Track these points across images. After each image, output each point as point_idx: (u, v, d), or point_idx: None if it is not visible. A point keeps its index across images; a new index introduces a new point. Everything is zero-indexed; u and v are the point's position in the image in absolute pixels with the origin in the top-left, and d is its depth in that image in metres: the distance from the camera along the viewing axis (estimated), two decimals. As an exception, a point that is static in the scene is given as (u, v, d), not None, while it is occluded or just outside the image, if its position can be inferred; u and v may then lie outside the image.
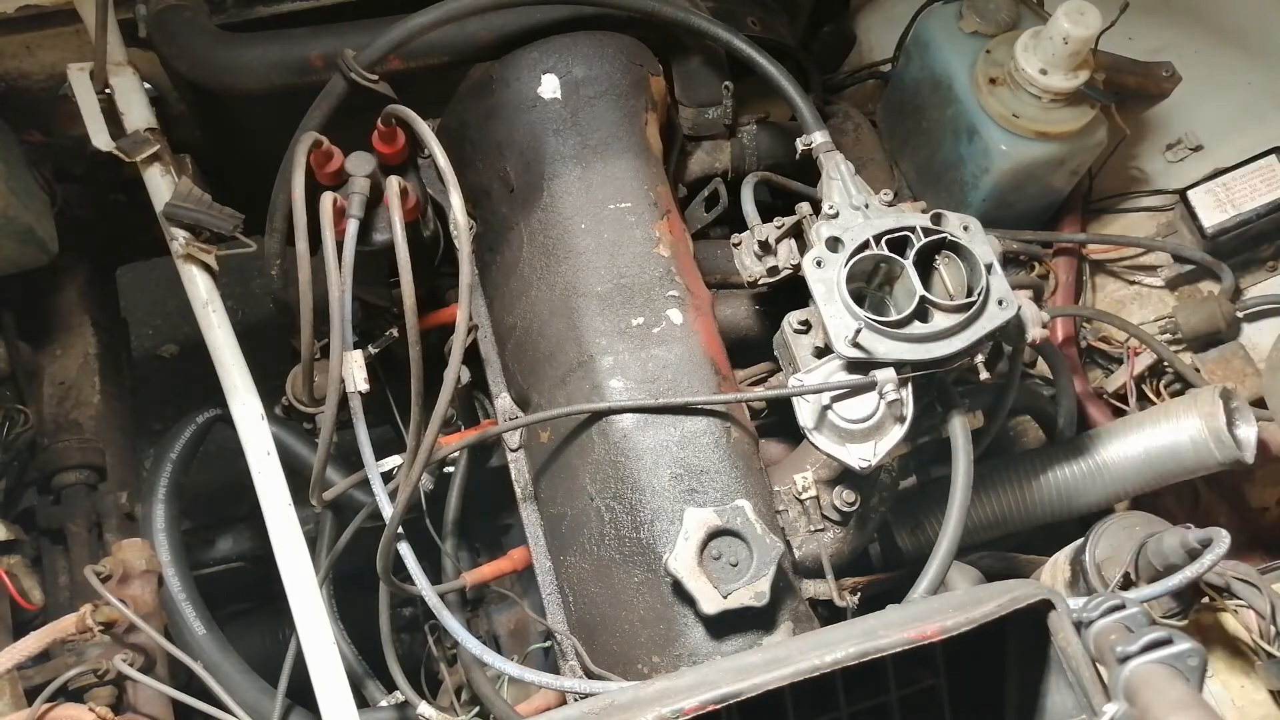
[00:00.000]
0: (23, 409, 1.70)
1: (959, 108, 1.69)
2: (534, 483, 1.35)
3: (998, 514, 1.56)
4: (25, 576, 1.56)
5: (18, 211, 1.50)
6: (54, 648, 1.33)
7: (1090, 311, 1.81)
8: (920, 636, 0.92)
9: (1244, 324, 1.76)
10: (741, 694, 0.89)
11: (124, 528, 1.65)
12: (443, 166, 1.24)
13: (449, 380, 1.17)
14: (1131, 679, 0.88)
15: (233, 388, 1.37)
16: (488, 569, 1.40)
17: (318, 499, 1.32)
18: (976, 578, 1.38)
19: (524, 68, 1.43)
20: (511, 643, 1.60)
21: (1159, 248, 1.79)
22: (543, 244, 1.37)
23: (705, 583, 1.14)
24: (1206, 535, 1.16)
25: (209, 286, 1.41)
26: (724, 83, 1.59)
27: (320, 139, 1.32)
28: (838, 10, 2.02)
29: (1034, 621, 0.97)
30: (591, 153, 1.39)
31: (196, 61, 1.47)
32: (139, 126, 1.45)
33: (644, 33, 1.52)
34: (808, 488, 1.28)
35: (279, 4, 1.55)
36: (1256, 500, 1.74)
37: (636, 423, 1.25)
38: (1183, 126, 1.81)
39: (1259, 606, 1.20)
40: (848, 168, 1.35)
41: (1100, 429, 1.65)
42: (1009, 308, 1.25)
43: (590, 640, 1.26)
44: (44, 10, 1.49)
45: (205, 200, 1.41)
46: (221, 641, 1.52)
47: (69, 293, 1.79)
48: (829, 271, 1.23)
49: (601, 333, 1.30)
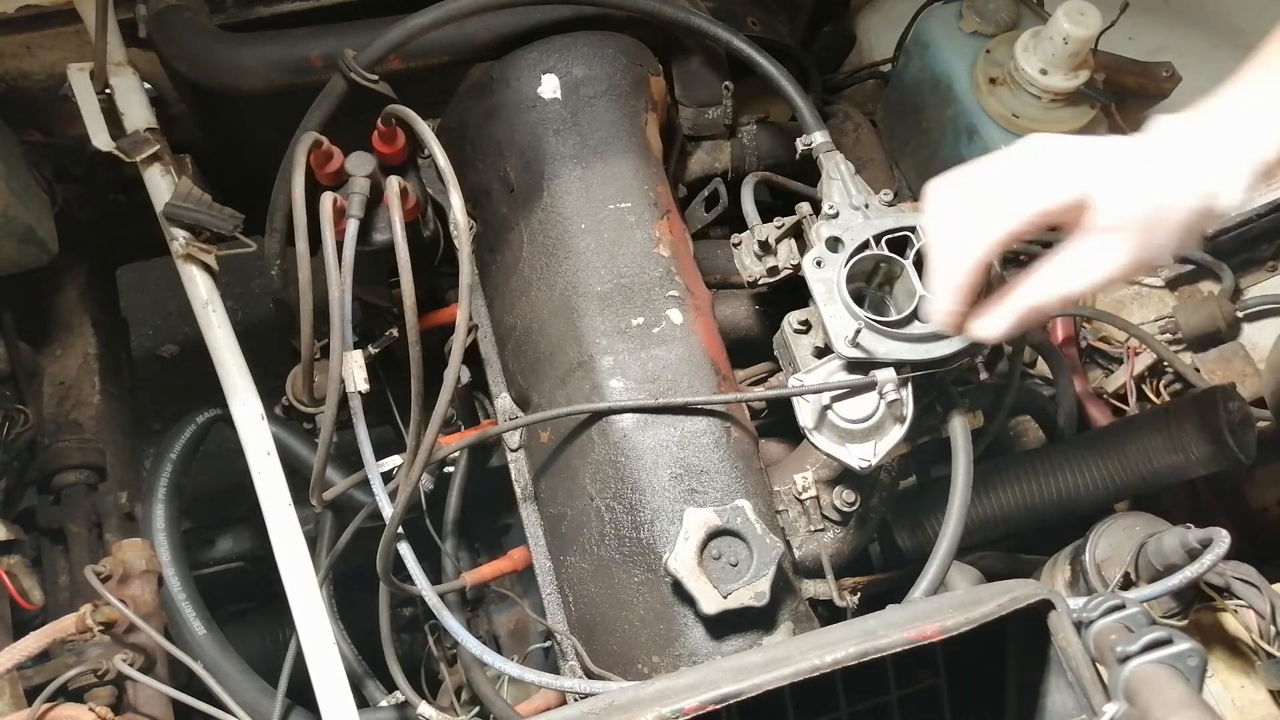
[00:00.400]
0: (23, 409, 1.70)
1: (959, 108, 1.69)
2: (534, 483, 1.35)
3: (998, 514, 1.56)
4: (25, 576, 1.56)
5: (18, 211, 1.50)
6: (54, 648, 1.33)
7: (1090, 311, 1.81)
8: (920, 636, 0.92)
9: (1244, 324, 1.76)
10: (741, 694, 0.89)
11: (124, 528, 1.65)
12: (443, 166, 1.24)
13: (449, 380, 1.17)
14: (1131, 679, 0.88)
15: (233, 388, 1.37)
16: (488, 569, 1.40)
17: (318, 499, 1.32)
18: (976, 578, 1.38)
19: (524, 68, 1.43)
20: (511, 643, 1.60)
21: (1159, 247, 1.79)
22: (543, 244, 1.37)
23: (705, 583, 1.14)
24: (1206, 535, 1.16)
25: (209, 286, 1.41)
26: (724, 83, 1.59)
27: (320, 139, 1.32)
28: (838, 10, 2.02)
29: (1034, 621, 0.97)
30: (591, 153, 1.39)
31: (196, 61, 1.47)
32: (139, 126, 1.45)
33: (644, 33, 1.51)
34: (808, 488, 1.28)
35: (279, 4, 1.55)
36: (1256, 500, 1.74)
37: (636, 423, 1.25)
38: (1182, 126, 1.81)
39: (1259, 606, 1.20)
40: (848, 168, 1.35)
41: (1100, 429, 1.65)
42: (1009, 308, 1.25)
43: (590, 640, 1.26)
44: (44, 10, 1.49)
45: (205, 200, 1.41)
46: (221, 641, 1.52)
47: (69, 293, 1.79)
48: (829, 271, 1.23)
49: (601, 333, 1.30)
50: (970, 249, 0.98)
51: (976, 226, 0.98)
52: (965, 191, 1.00)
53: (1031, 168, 0.96)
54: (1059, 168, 0.95)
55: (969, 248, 0.99)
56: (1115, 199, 0.92)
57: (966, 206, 0.99)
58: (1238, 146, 0.91)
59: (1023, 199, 0.95)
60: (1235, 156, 0.91)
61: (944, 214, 1.01)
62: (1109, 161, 0.93)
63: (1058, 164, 0.95)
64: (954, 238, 1.00)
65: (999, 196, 0.96)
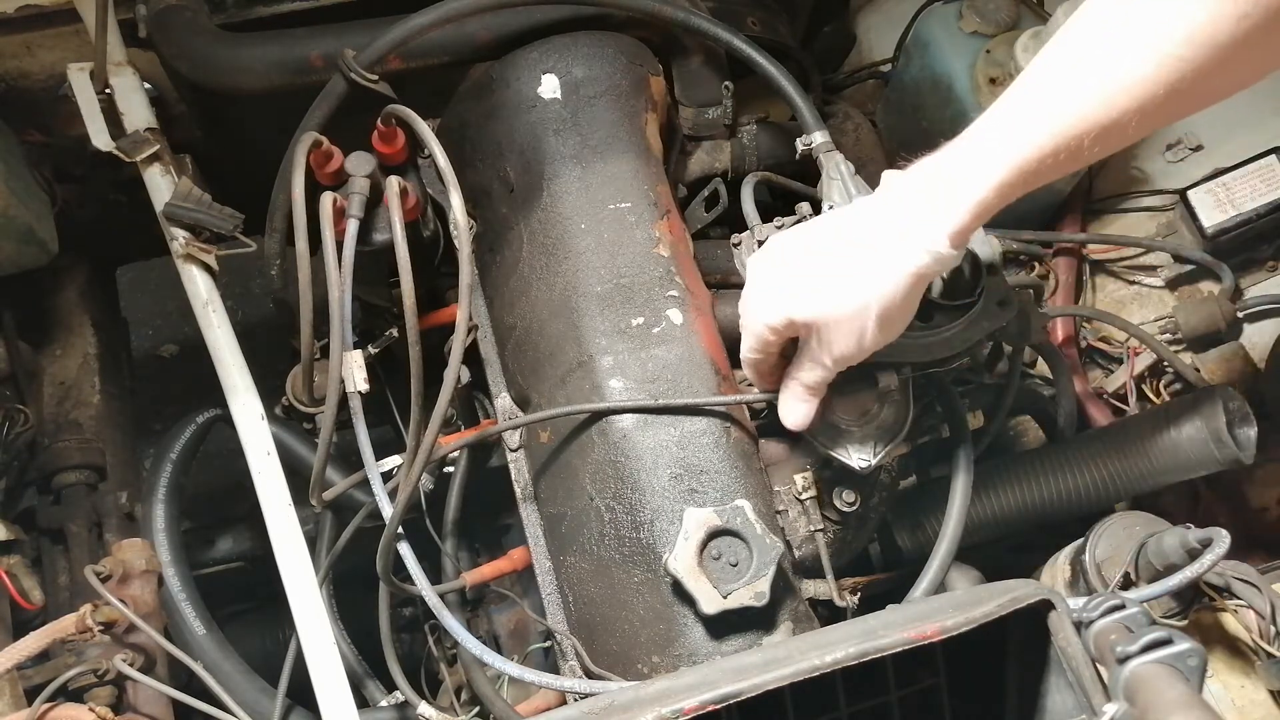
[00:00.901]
0: (23, 409, 1.70)
1: (959, 108, 1.69)
2: (534, 483, 1.35)
3: (998, 514, 1.56)
4: (25, 576, 1.56)
5: (18, 211, 1.50)
6: (54, 648, 1.33)
7: (1090, 311, 1.81)
8: (920, 636, 0.92)
9: (1244, 324, 1.76)
10: (741, 694, 0.89)
11: (124, 528, 1.65)
12: (443, 166, 1.24)
13: (449, 380, 1.17)
14: (1131, 679, 0.88)
15: (233, 388, 1.37)
16: (488, 569, 1.40)
17: (318, 499, 1.32)
18: (976, 578, 1.38)
19: (524, 68, 1.43)
20: (511, 643, 1.60)
21: (1159, 248, 1.79)
22: (543, 244, 1.37)
23: (705, 583, 1.14)
24: (1206, 535, 1.16)
25: (209, 286, 1.41)
26: (724, 83, 1.59)
27: (320, 139, 1.32)
28: (838, 10, 2.02)
29: (1034, 621, 0.97)
30: (591, 153, 1.39)
31: (196, 61, 1.47)
32: (139, 126, 1.45)
33: (644, 33, 1.51)
34: (808, 488, 1.28)
35: (279, 4, 1.55)
36: (1256, 500, 1.74)
37: (636, 423, 1.25)
38: (1183, 126, 1.81)
39: (1259, 606, 1.20)
40: (848, 168, 1.35)
41: (1100, 429, 1.65)
42: (1009, 308, 1.25)
43: (590, 640, 1.26)
44: (44, 10, 1.49)
45: (205, 200, 1.41)
46: (221, 641, 1.52)
47: (69, 293, 1.79)
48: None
49: (601, 333, 1.30)
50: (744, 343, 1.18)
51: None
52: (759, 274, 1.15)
53: (756, 292, 1.13)
54: (768, 298, 1.11)
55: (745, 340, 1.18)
56: (813, 310, 1.07)
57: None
58: (948, 203, 1.00)
59: (748, 324, 1.15)
60: (935, 222, 1.00)
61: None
62: (800, 276, 1.08)
63: (768, 294, 1.12)
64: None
65: (743, 311, 1.16)
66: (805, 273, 1.08)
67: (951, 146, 1.02)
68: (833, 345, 1.08)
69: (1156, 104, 0.92)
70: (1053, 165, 0.97)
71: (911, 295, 1.05)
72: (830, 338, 1.08)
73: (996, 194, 0.99)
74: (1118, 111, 0.93)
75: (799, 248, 1.11)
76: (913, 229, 1.02)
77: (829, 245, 1.08)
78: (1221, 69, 0.89)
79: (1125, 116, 0.93)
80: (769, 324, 1.11)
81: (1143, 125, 0.94)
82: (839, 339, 1.07)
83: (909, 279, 1.03)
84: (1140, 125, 0.94)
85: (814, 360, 1.12)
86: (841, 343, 1.08)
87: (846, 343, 1.07)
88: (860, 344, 1.08)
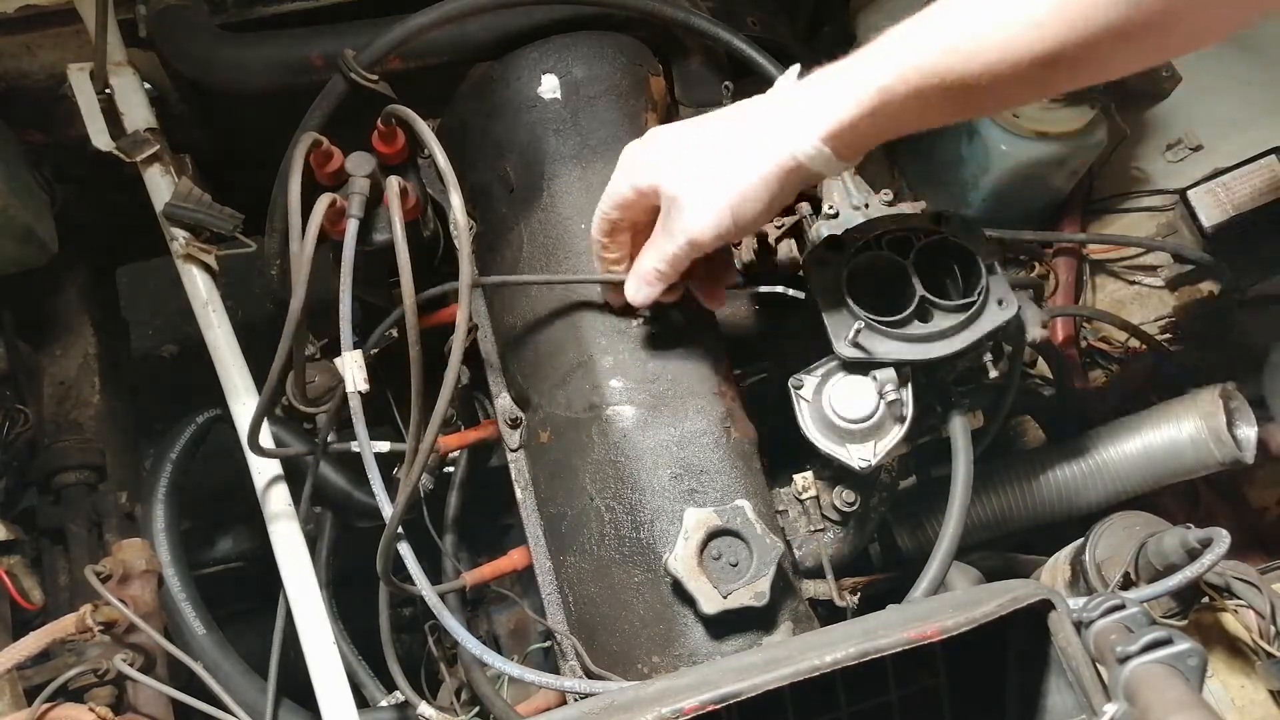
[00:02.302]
0: (23, 409, 1.70)
1: (959, 107, 1.68)
2: (534, 483, 1.35)
3: (998, 514, 1.56)
4: (25, 576, 1.56)
5: (18, 211, 1.50)
6: (54, 648, 1.33)
7: (1090, 311, 1.81)
8: (920, 636, 0.92)
9: (1244, 324, 1.76)
10: (741, 694, 0.89)
11: (124, 528, 1.65)
12: (443, 166, 1.24)
13: (449, 380, 1.17)
14: (1131, 679, 0.88)
15: (233, 388, 1.37)
16: (488, 569, 1.40)
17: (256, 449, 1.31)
18: (976, 578, 1.39)
19: (524, 68, 1.43)
20: (511, 643, 1.60)
21: (1159, 248, 1.79)
22: (543, 244, 1.37)
23: (705, 583, 1.14)
24: (1206, 535, 1.16)
25: (209, 286, 1.41)
26: (724, 83, 1.59)
27: (320, 139, 1.32)
28: (838, 10, 2.02)
29: (1034, 621, 0.97)
30: (592, 153, 1.39)
31: (196, 61, 1.47)
32: (139, 126, 1.45)
33: (644, 33, 1.51)
34: (808, 488, 1.28)
35: (279, 4, 1.55)
36: (1256, 500, 1.74)
37: (636, 423, 1.25)
38: (1183, 126, 1.81)
39: (1259, 606, 1.20)
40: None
41: (1100, 429, 1.65)
42: (1009, 307, 1.25)
43: (590, 640, 1.26)
44: (44, 10, 1.49)
45: (205, 200, 1.41)
46: (221, 641, 1.52)
47: (69, 293, 1.79)
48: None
49: (601, 333, 1.30)
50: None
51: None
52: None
53: (632, 157, 1.18)
54: (629, 164, 1.17)
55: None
56: (676, 179, 1.13)
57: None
58: (809, 111, 1.07)
59: (612, 184, 1.19)
60: (807, 119, 1.07)
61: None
62: (672, 150, 1.15)
63: (629, 162, 1.18)
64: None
65: (615, 175, 1.19)
66: (680, 150, 1.15)
67: (841, 61, 1.09)
68: (689, 224, 1.13)
69: (1021, 70, 0.98)
70: (917, 103, 1.03)
71: (772, 187, 1.10)
72: (688, 215, 1.12)
73: (860, 110, 1.05)
74: (978, 65, 0.99)
75: (681, 131, 1.17)
76: (782, 125, 1.09)
77: (708, 132, 1.15)
78: (1091, 51, 0.95)
79: (986, 71, 0.99)
80: (635, 184, 1.16)
81: (1006, 88, 1.00)
82: (696, 217, 1.12)
83: (770, 169, 1.09)
84: (1004, 88, 1.00)
85: (669, 235, 1.16)
86: (699, 221, 1.12)
87: (703, 222, 1.12)
88: (717, 227, 1.12)
